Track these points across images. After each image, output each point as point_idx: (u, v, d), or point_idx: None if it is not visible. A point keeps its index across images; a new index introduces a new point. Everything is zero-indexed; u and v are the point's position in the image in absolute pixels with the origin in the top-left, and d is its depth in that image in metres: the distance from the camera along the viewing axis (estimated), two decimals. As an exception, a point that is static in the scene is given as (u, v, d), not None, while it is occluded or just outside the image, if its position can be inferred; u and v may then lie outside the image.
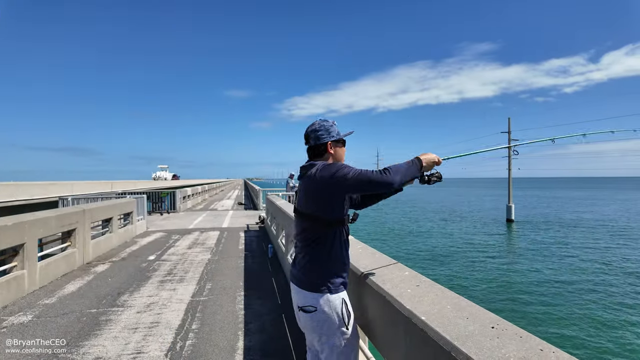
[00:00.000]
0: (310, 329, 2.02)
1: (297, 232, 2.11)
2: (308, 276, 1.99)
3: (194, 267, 6.97)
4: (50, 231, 6.24)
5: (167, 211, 18.69)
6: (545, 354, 1.19)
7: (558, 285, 15.99)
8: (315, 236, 1.98)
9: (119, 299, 5.12)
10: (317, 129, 2.09)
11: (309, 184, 1.98)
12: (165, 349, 3.61)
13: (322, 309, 1.95)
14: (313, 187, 1.96)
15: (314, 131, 2.09)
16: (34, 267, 5.58)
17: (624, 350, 10.06)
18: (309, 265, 2.00)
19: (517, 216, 39.48)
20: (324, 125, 2.10)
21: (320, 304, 1.95)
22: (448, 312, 1.57)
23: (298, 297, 2.05)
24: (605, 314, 12.65)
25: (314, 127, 2.11)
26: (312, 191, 1.97)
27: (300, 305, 2.04)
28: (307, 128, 2.14)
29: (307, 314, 1.99)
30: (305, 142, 2.15)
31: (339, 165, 1.91)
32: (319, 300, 1.95)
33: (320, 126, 2.10)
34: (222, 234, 11.22)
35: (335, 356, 1.99)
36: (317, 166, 1.99)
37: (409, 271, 2.19)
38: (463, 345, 1.28)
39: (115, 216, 9.15)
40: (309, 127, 2.13)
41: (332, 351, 1.99)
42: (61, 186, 23.00)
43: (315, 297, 1.96)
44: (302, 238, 2.05)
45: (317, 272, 1.98)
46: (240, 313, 4.63)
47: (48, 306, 4.85)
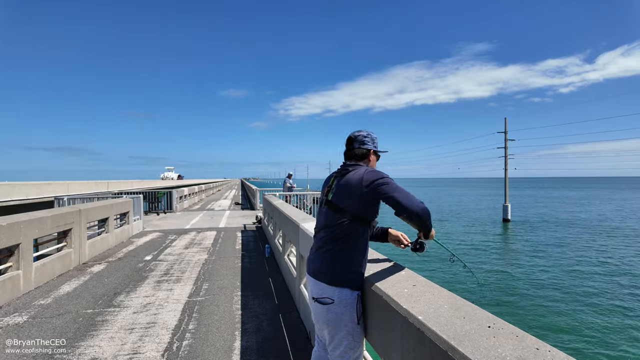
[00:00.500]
0: (323, 320, 2.08)
1: (324, 225, 2.16)
2: (330, 269, 2.06)
3: (190, 267, 6.95)
4: (46, 231, 6.20)
5: (164, 211, 18.62)
6: (541, 353, 1.19)
7: (554, 285, 16.08)
8: (346, 232, 2.06)
9: (115, 300, 5.10)
10: (364, 136, 2.30)
11: (355, 182, 2.05)
12: (161, 350, 3.60)
13: (339, 302, 2.02)
14: (358, 186, 2.04)
15: (361, 136, 2.30)
16: (30, 268, 5.54)
17: (618, 350, 10.13)
18: (333, 259, 2.07)
19: (513, 216, 39.67)
20: (370, 134, 2.32)
21: (338, 297, 2.03)
22: (445, 312, 1.57)
23: (315, 288, 2.12)
24: (600, 313, 12.73)
25: (362, 133, 2.31)
26: (356, 189, 2.04)
27: (315, 297, 2.11)
28: (353, 132, 2.33)
29: (322, 305, 2.06)
30: (348, 144, 2.32)
31: (384, 174, 2.04)
32: (338, 294, 2.03)
33: (367, 134, 2.31)
34: (219, 234, 11.19)
35: (343, 348, 2.06)
36: (365, 168, 2.11)
37: (405, 271, 2.19)
38: (460, 344, 1.28)
39: (112, 216, 9.11)
40: (357, 132, 2.32)
41: (340, 343, 2.06)
42: (57, 186, 22.86)
43: (334, 290, 2.03)
44: (331, 231, 2.10)
45: (340, 267, 2.05)
46: (237, 313, 4.62)
47: (44, 307, 4.82)
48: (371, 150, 2.29)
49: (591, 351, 10.07)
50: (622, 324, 11.80)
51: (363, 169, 2.11)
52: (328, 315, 2.05)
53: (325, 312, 2.06)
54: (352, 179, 2.08)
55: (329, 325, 2.06)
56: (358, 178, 2.05)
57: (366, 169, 2.11)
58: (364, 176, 2.03)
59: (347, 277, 2.05)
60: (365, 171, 2.07)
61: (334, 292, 2.03)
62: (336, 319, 2.04)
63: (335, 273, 2.05)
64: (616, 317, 12.35)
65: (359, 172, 2.08)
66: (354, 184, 2.05)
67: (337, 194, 2.13)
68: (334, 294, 2.03)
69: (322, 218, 2.20)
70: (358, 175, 2.06)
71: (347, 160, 2.29)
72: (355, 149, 2.28)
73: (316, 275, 2.12)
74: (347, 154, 2.31)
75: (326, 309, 2.05)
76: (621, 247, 24.15)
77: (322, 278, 2.08)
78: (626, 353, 9.93)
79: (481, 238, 28.21)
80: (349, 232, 2.05)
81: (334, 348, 2.09)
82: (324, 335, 2.17)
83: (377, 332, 2.02)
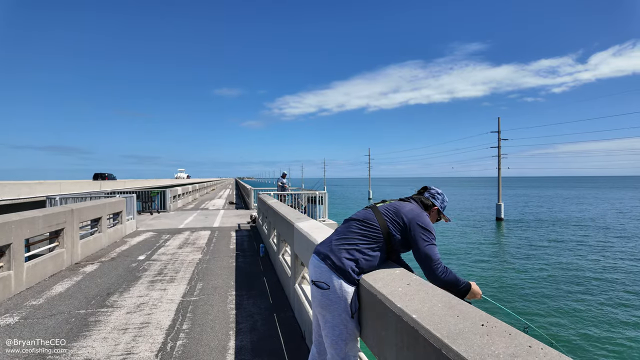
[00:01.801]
0: (318, 303, 2.16)
1: (359, 218, 2.27)
2: (337, 256, 2.13)
3: (184, 267, 6.91)
4: (38, 231, 6.13)
5: (157, 210, 18.50)
6: (533, 351, 1.20)
7: (546, 283, 16.23)
8: (371, 237, 2.18)
9: (108, 300, 5.06)
10: (438, 193, 2.52)
11: (406, 211, 2.24)
12: (155, 350, 3.58)
13: (334, 289, 2.09)
14: (407, 215, 2.22)
15: (435, 191, 2.52)
16: (21, 268, 5.48)
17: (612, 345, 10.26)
18: (347, 248, 2.15)
19: (506, 215, 39.97)
20: (443, 195, 2.54)
21: (335, 285, 2.10)
22: (438, 310, 1.58)
23: (315, 271, 2.19)
24: (592, 310, 12.88)
25: (438, 190, 2.54)
26: (402, 214, 2.22)
27: (314, 280, 2.19)
28: (431, 185, 2.56)
29: (319, 289, 2.14)
30: (422, 189, 2.57)
31: (430, 226, 2.22)
32: (334, 282, 2.10)
33: (441, 193, 2.54)
34: (213, 233, 11.15)
35: (335, 337, 2.12)
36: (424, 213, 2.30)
37: (399, 269, 2.20)
38: (453, 343, 1.29)
39: (105, 216, 9.04)
40: (435, 187, 2.55)
41: (333, 330, 2.12)
42: (49, 185, 22.58)
43: (331, 276, 2.11)
44: (360, 227, 2.21)
45: (348, 259, 2.12)
46: (231, 313, 4.61)
47: (35, 307, 4.77)
48: (436, 207, 2.47)
49: (583, 348, 10.18)
50: (615, 321, 11.95)
51: (421, 210, 2.31)
52: (323, 299, 2.12)
53: (321, 297, 2.13)
54: (406, 207, 2.28)
55: (324, 309, 2.14)
56: (411, 209, 2.25)
57: (424, 212, 2.30)
58: (417, 213, 2.23)
59: (349, 270, 2.10)
60: (421, 212, 2.27)
61: (331, 279, 2.10)
62: (330, 304, 2.10)
63: (340, 262, 2.11)
64: (608, 314, 12.50)
65: (416, 209, 2.28)
66: (405, 211, 2.23)
67: (387, 207, 2.30)
68: (331, 281, 2.10)
69: (360, 214, 2.33)
70: (413, 209, 2.26)
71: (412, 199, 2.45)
72: (424, 197, 2.48)
73: (321, 257, 2.19)
74: (415, 196, 2.49)
75: (322, 293, 2.13)
76: (612, 244, 24.44)
77: (327, 261, 2.15)
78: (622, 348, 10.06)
79: (475, 237, 28.41)
80: (373, 239, 2.17)
81: (326, 334, 2.16)
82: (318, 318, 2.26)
83: (371, 330, 2.03)
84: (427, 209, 2.42)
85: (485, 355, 1.19)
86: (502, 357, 1.18)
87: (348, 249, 2.14)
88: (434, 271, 2.10)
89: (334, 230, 2.42)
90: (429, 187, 2.53)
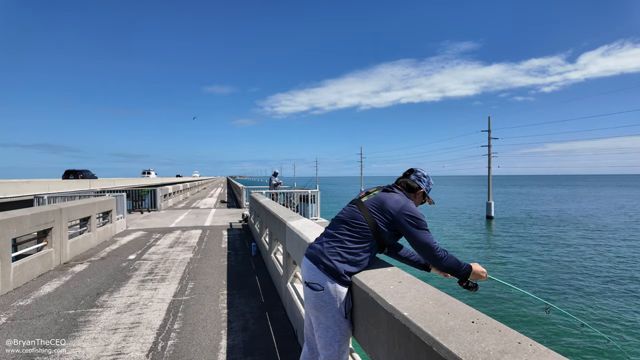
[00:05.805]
0: (312, 304, 2.16)
1: (344, 218, 2.24)
2: (329, 259, 2.13)
3: (175, 266, 6.86)
4: (25, 231, 6.03)
5: (148, 209, 18.33)
6: (522, 347, 1.22)
7: (536, 281, 16.46)
8: (360, 235, 2.15)
9: (98, 300, 5.00)
10: (424, 175, 2.46)
11: (391, 203, 2.17)
12: (146, 350, 3.56)
13: (328, 291, 2.10)
14: (393, 207, 2.16)
15: (421, 174, 2.46)
16: (8, 268, 5.39)
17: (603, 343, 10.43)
18: (338, 251, 2.14)
19: (496, 213, 40.40)
20: (429, 178, 2.48)
21: (328, 287, 2.10)
22: (430, 308, 1.59)
23: (309, 272, 2.18)
24: (581, 307, 13.09)
25: (424, 172, 2.47)
26: (388, 210, 2.16)
27: (307, 281, 2.18)
28: (417, 167, 2.49)
29: (312, 290, 2.14)
30: (407, 172, 2.48)
31: (419, 213, 2.17)
32: (328, 284, 2.10)
33: (427, 176, 2.47)
34: (204, 232, 11.08)
35: (328, 339, 2.12)
36: (408, 200, 2.24)
37: (391, 268, 2.21)
38: (444, 340, 1.31)
39: (94, 215, 8.92)
40: (420, 169, 2.48)
41: (326, 332, 2.12)
42: (36, 184, 22.21)
43: (325, 279, 2.11)
44: (347, 226, 2.19)
45: (341, 261, 2.12)
46: (223, 312, 4.59)
47: (23, 308, 4.69)
48: (422, 190, 2.41)
49: (576, 345, 10.35)
50: (607, 319, 12.16)
51: (406, 199, 2.25)
52: (317, 301, 2.12)
53: (314, 298, 2.13)
54: (391, 199, 2.20)
55: (317, 311, 2.14)
56: (396, 201, 2.18)
57: (409, 201, 2.24)
58: (403, 205, 2.16)
59: (341, 272, 2.10)
60: (406, 202, 2.20)
61: (325, 281, 2.10)
62: (324, 306, 2.10)
63: (332, 264, 2.11)
64: (597, 309, 12.73)
65: (401, 199, 2.21)
66: (390, 204, 2.16)
67: (372, 201, 2.24)
68: (325, 283, 2.10)
69: (346, 212, 2.28)
70: (398, 201, 2.19)
71: (398, 184, 2.42)
72: (410, 179, 2.42)
73: (314, 260, 2.18)
74: (401, 179, 2.45)
75: (315, 294, 2.13)
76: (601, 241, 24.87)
77: (319, 265, 2.14)
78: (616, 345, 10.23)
79: (465, 235, 28.68)
80: (363, 237, 2.15)
81: (320, 335, 2.15)
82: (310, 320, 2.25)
83: (363, 329, 2.03)
84: (413, 191, 2.40)
85: (476, 352, 1.21)
86: (492, 354, 1.19)
87: (339, 251, 2.14)
88: (436, 257, 2.11)
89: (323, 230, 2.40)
90: (415, 170, 2.48)
